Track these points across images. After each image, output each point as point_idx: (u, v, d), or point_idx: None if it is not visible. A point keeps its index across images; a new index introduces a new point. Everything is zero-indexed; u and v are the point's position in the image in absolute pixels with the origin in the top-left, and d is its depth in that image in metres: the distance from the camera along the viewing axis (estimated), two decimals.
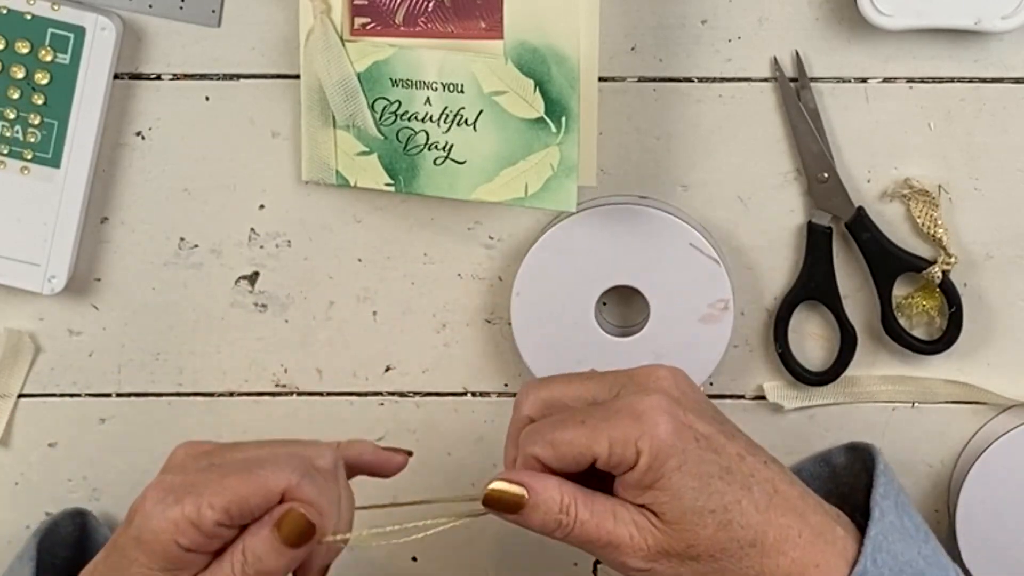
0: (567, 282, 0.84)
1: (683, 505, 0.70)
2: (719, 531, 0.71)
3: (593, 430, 0.71)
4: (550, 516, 0.71)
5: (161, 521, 0.68)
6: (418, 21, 0.81)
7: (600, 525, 0.71)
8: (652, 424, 0.70)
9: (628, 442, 0.70)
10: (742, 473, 0.72)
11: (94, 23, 0.81)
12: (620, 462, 0.71)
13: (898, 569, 0.72)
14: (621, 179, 0.85)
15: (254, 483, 0.69)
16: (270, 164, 0.85)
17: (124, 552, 0.69)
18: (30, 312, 0.88)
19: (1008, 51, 0.82)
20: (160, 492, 0.69)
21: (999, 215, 0.85)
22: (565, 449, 0.71)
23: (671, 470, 0.70)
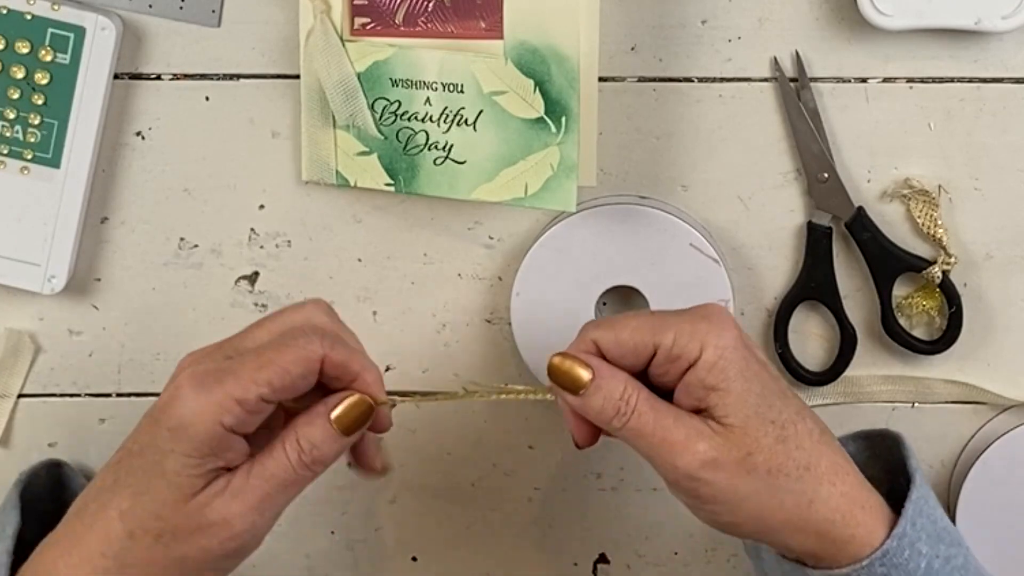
0: (567, 282, 0.84)
1: (747, 409, 0.70)
2: (777, 444, 0.70)
3: (660, 321, 0.71)
4: (610, 402, 0.71)
5: (205, 404, 0.68)
6: (418, 21, 0.81)
7: (658, 421, 0.70)
8: (720, 325, 0.71)
9: (694, 335, 0.70)
10: (796, 403, 0.72)
11: (94, 23, 0.81)
12: (682, 354, 0.70)
13: (936, 535, 0.72)
14: (621, 179, 0.85)
15: (292, 353, 0.69)
16: (270, 164, 0.85)
17: (152, 447, 0.69)
18: (30, 312, 0.88)
19: (1008, 51, 0.82)
20: (196, 379, 0.69)
21: (999, 215, 0.85)
22: (628, 335, 0.71)
23: (736, 372, 0.70)
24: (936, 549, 0.72)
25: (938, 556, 0.72)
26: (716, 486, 0.70)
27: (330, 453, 0.70)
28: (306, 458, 0.70)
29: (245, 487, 0.69)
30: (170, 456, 0.69)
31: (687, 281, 0.84)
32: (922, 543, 0.71)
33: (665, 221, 0.83)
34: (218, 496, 0.69)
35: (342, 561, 0.92)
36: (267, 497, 0.70)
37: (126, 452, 0.71)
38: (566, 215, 0.83)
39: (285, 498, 0.71)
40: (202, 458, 0.69)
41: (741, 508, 0.71)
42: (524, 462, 0.89)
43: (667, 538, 0.90)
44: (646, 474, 0.89)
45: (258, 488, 0.69)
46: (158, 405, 0.70)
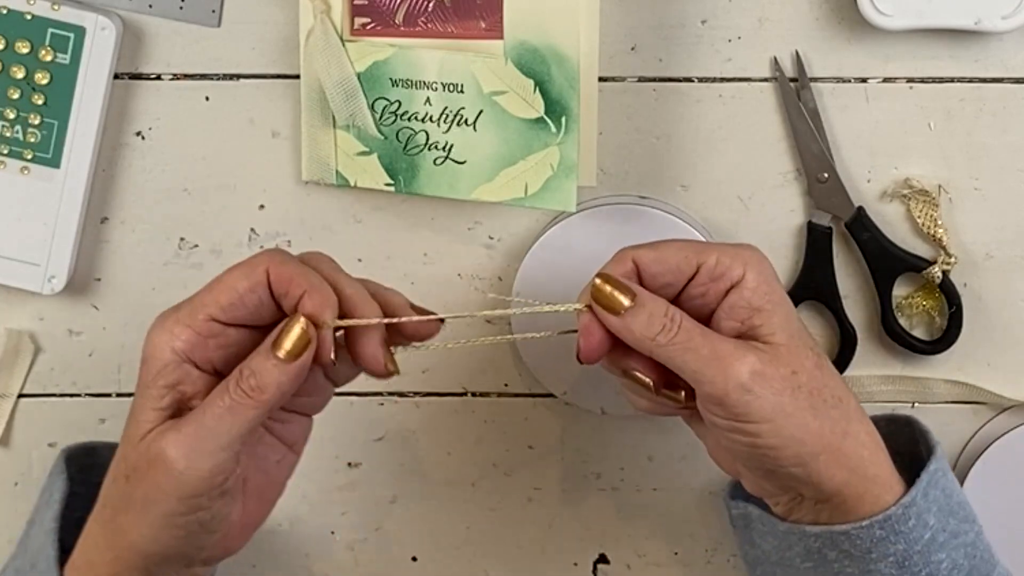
0: (567, 282, 0.84)
1: (791, 331, 0.71)
2: (816, 369, 0.71)
3: (701, 244, 0.72)
4: (655, 318, 0.71)
5: (159, 332, 0.69)
6: (418, 21, 0.81)
7: (705, 335, 0.71)
8: (759, 257, 0.72)
9: (737, 257, 0.71)
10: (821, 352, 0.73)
11: (94, 23, 0.81)
12: (726, 273, 0.71)
13: (948, 509, 0.72)
14: (621, 179, 0.85)
15: (237, 270, 0.70)
16: (270, 164, 0.85)
17: (137, 391, 0.70)
18: (30, 312, 0.88)
19: (1008, 51, 0.82)
20: (158, 320, 0.70)
21: (999, 215, 0.85)
22: (671, 253, 0.71)
23: (779, 298, 0.71)
24: (944, 523, 0.72)
25: (945, 530, 0.72)
26: (765, 399, 0.70)
27: (268, 379, 0.68)
28: (243, 384, 0.68)
29: (186, 419, 0.69)
30: (138, 393, 0.70)
31: None
32: (931, 515, 0.71)
33: (665, 221, 0.83)
34: (164, 431, 0.69)
35: (342, 561, 0.92)
36: (202, 426, 0.68)
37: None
38: (566, 215, 0.83)
39: (224, 429, 0.68)
40: (160, 390, 0.69)
41: (785, 427, 0.70)
42: (524, 462, 0.89)
43: (667, 538, 0.90)
44: (646, 474, 0.89)
45: (195, 418, 0.68)
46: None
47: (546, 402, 0.88)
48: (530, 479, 0.90)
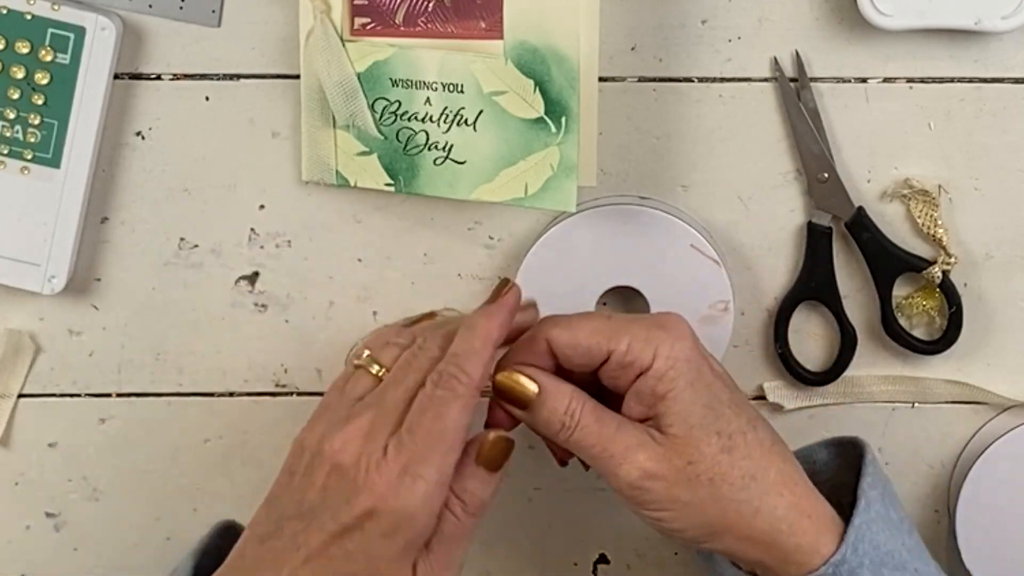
0: (567, 282, 0.84)
1: (691, 419, 0.71)
2: (722, 454, 0.71)
3: (617, 326, 0.72)
4: (555, 415, 0.72)
5: (414, 502, 0.69)
6: (418, 21, 0.81)
7: (600, 433, 0.72)
8: (675, 335, 0.72)
9: (648, 343, 0.71)
10: (750, 413, 0.73)
11: (94, 23, 0.81)
12: (635, 360, 0.71)
13: (879, 560, 0.72)
14: (621, 179, 0.85)
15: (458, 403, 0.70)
16: (270, 164, 0.85)
17: (366, 554, 0.69)
18: (30, 312, 0.88)
19: (1008, 51, 0.82)
20: (388, 485, 0.69)
21: (999, 215, 0.85)
22: (584, 336, 0.72)
23: (685, 383, 0.71)
24: (878, 574, 0.72)
25: None
26: (656, 494, 0.72)
27: (487, 494, 0.73)
28: (469, 508, 0.72)
29: (431, 559, 0.71)
30: (383, 559, 0.69)
31: (687, 281, 0.84)
32: (864, 569, 0.72)
33: (665, 221, 0.83)
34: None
35: None
36: (449, 556, 0.71)
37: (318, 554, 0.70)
38: (566, 215, 0.83)
39: (462, 550, 0.73)
40: (414, 552, 0.70)
41: (683, 515, 0.72)
42: (524, 462, 0.89)
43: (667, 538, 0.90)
44: None
45: (442, 553, 0.71)
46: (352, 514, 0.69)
47: None
48: (530, 479, 0.90)
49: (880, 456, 0.88)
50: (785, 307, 0.85)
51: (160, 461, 0.90)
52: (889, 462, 0.88)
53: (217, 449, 0.89)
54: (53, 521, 0.91)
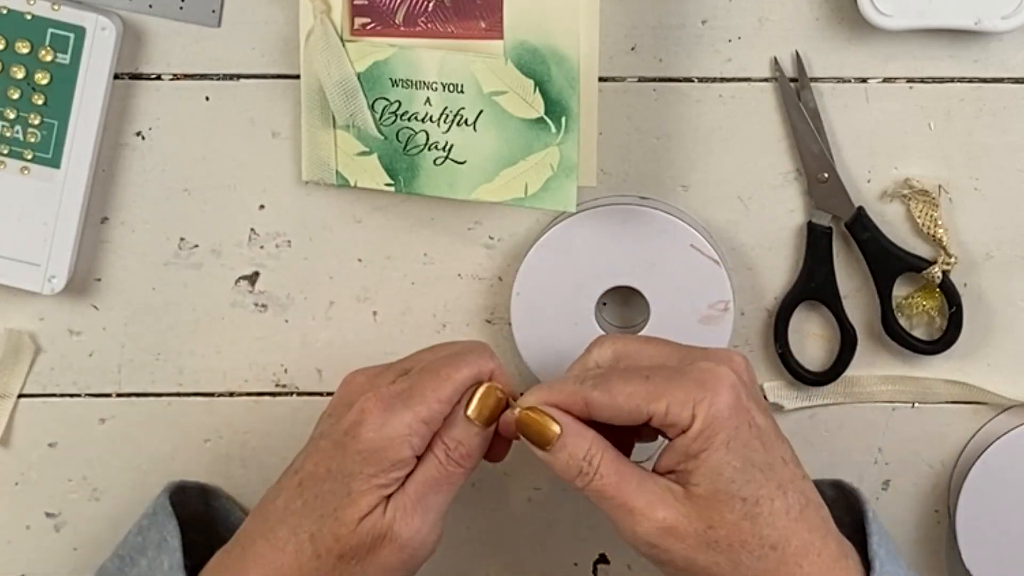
0: (567, 282, 0.84)
1: (718, 484, 0.70)
2: (744, 520, 0.71)
3: (655, 387, 0.72)
4: (574, 461, 0.72)
5: (396, 427, 0.72)
6: (418, 21, 0.81)
7: (619, 485, 0.72)
8: (714, 393, 0.71)
9: (686, 404, 0.71)
10: (782, 476, 0.72)
11: (94, 23, 0.81)
12: (674, 424, 0.71)
13: None
14: (621, 179, 0.85)
15: (468, 368, 0.74)
16: (270, 164, 0.85)
17: (343, 471, 0.72)
18: (30, 312, 0.88)
19: (1008, 51, 0.82)
20: (383, 403, 0.73)
21: (999, 215, 0.85)
22: (623, 400, 0.72)
23: (719, 444, 0.70)
24: None
25: None
26: (673, 554, 0.71)
27: (473, 445, 0.74)
28: (453, 454, 0.74)
29: (404, 498, 0.73)
30: (358, 479, 0.73)
31: (687, 281, 0.84)
32: None
33: (665, 221, 0.83)
34: (389, 512, 0.73)
35: None
36: (423, 499, 0.73)
37: (308, 475, 0.74)
38: (566, 215, 0.83)
39: (441, 498, 0.74)
40: (387, 479, 0.73)
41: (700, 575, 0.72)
42: (524, 462, 0.89)
43: None
44: None
45: (415, 493, 0.73)
46: (341, 428, 0.74)
47: None
48: (530, 479, 0.90)
49: (880, 456, 0.88)
50: (785, 307, 0.85)
51: (160, 461, 0.90)
52: (889, 462, 0.88)
53: (217, 449, 0.89)
54: (53, 521, 0.91)
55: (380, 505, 0.73)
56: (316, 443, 0.75)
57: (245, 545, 0.75)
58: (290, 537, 0.73)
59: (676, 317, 0.84)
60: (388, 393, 0.74)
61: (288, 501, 0.74)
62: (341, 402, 0.76)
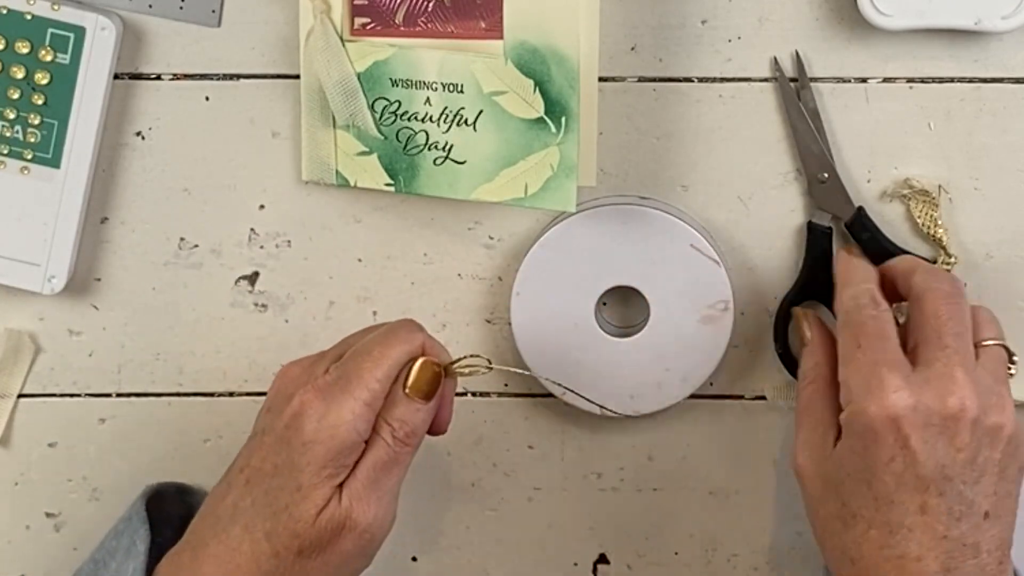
0: (567, 282, 0.84)
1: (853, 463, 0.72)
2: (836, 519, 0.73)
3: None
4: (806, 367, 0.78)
5: (339, 415, 0.72)
6: (418, 21, 0.81)
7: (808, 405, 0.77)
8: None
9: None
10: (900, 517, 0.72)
11: (94, 23, 0.81)
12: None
13: None
14: (621, 179, 0.85)
15: (400, 345, 0.74)
16: (270, 164, 0.85)
17: (289, 465, 0.72)
18: (30, 312, 0.88)
19: (1008, 51, 0.82)
20: (322, 393, 0.73)
21: (999, 215, 0.85)
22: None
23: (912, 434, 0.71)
24: None
25: None
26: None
27: (417, 422, 0.75)
28: (398, 434, 0.74)
29: (356, 484, 0.73)
30: (306, 471, 0.72)
31: (687, 281, 0.84)
32: None
33: (665, 221, 0.83)
34: (343, 502, 0.73)
35: None
36: (376, 483, 0.74)
37: (255, 471, 0.74)
38: (566, 215, 0.83)
39: (393, 479, 0.75)
40: (336, 468, 0.73)
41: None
42: (524, 462, 0.89)
43: (667, 538, 0.90)
44: (646, 474, 0.89)
45: (367, 478, 0.73)
46: (283, 422, 0.74)
47: (546, 402, 0.88)
48: (530, 479, 0.90)
49: None
50: (785, 307, 0.85)
51: (160, 461, 0.90)
52: None
53: (217, 449, 0.89)
54: (53, 521, 0.91)
55: (334, 495, 0.73)
56: (259, 439, 0.75)
57: (196, 547, 0.75)
58: (244, 536, 0.73)
59: (676, 317, 0.84)
60: (325, 382, 0.74)
61: (237, 499, 0.74)
62: (278, 395, 0.76)
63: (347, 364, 0.74)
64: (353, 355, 0.75)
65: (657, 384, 0.85)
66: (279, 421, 0.74)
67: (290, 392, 0.74)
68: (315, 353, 0.78)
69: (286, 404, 0.74)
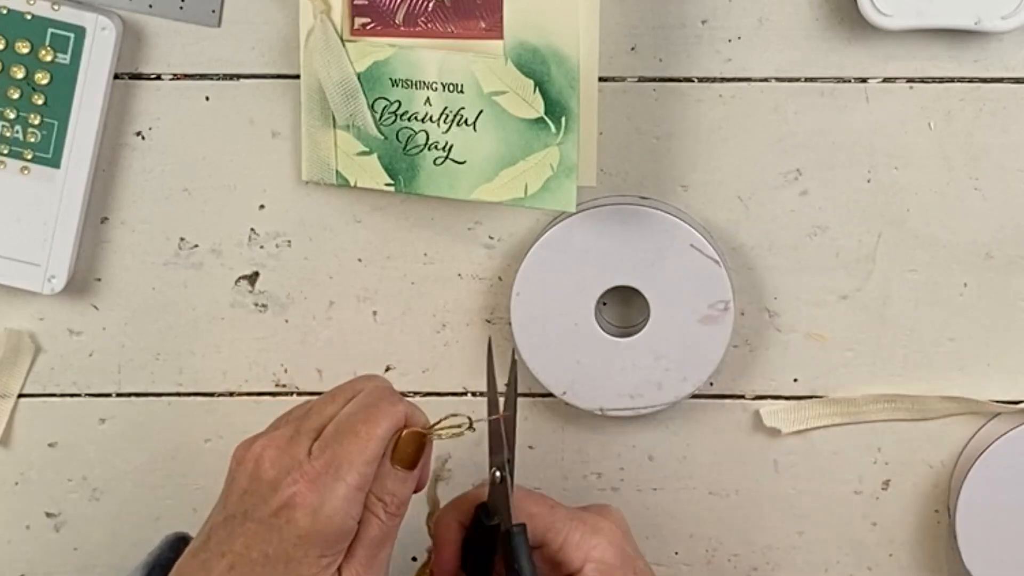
0: (567, 282, 0.84)
1: None
2: None
3: (556, 519, 0.75)
4: None
5: (333, 503, 0.70)
6: (418, 21, 0.81)
7: None
8: (608, 539, 0.76)
9: (581, 548, 0.75)
10: None
11: (94, 23, 0.81)
12: (565, 561, 0.75)
13: None
14: (621, 179, 0.85)
15: (385, 421, 0.72)
16: (270, 164, 0.85)
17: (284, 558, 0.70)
18: (30, 312, 0.88)
19: (1008, 51, 0.82)
20: (312, 482, 0.70)
21: (999, 215, 0.85)
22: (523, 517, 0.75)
23: None
24: None
25: None
26: None
27: (407, 493, 0.74)
28: (391, 508, 0.73)
29: (356, 564, 0.72)
30: (304, 563, 0.70)
31: (687, 281, 0.84)
32: None
33: (665, 221, 0.83)
34: None
35: None
36: (373, 560, 0.72)
37: (239, 557, 0.70)
38: (566, 215, 0.83)
39: (387, 551, 0.74)
40: (334, 554, 0.71)
41: None
42: (524, 462, 0.89)
43: (667, 538, 0.90)
44: (646, 474, 0.89)
45: (365, 557, 0.72)
46: (269, 510, 0.70)
47: (546, 402, 0.88)
48: (530, 479, 0.90)
49: (880, 456, 0.88)
50: None
51: (160, 461, 0.90)
52: (889, 462, 0.88)
53: (217, 449, 0.89)
54: (53, 521, 0.91)
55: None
56: (240, 523, 0.71)
57: None
58: None
59: (676, 317, 0.84)
60: (314, 469, 0.70)
61: None
62: (257, 480, 0.72)
63: (334, 447, 0.71)
64: (338, 436, 0.71)
65: (657, 384, 0.85)
66: (264, 508, 0.70)
67: (273, 477, 0.71)
68: (280, 428, 0.74)
69: (271, 492, 0.70)
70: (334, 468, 0.70)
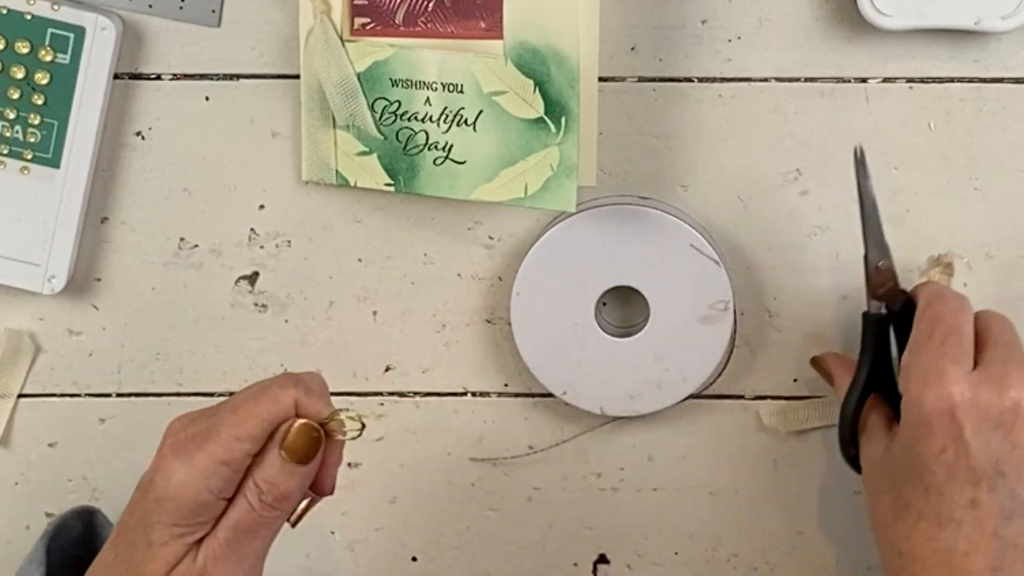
0: (567, 282, 0.84)
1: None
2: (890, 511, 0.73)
3: None
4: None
5: (189, 471, 0.69)
6: (418, 21, 0.81)
7: None
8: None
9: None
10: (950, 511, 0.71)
11: (94, 23, 0.81)
12: None
13: None
14: (621, 179, 0.85)
15: (267, 402, 0.70)
16: (270, 164, 0.85)
17: (143, 522, 0.69)
18: (30, 312, 0.88)
19: (1008, 51, 0.82)
20: (177, 447, 0.69)
21: (999, 215, 0.85)
22: None
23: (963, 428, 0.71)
24: None
25: None
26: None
27: (291, 486, 0.70)
28: (266, 497, 0.70)
29: (215, 543, 0.70)
30: (156, 528, 0.69)
31: (687, 281, 0.84)
32: None
33: (665, 221, 0.83)
34: (196, 559, 0.70)
35: (342, 561, 0.92)
36: (238, 545, 0.70)
37: (123, 527, 0.71)
38: (566, 215, 0.83)
39: (257, 544, 0.71)
40: (188, 526, 0.69)
41: None
42: (524, 462, 0.90)
43: (667, 538, 0.90)
44: (646, 474, 0.89)
45: (226, 539, 0.70)
46: (146, 476, 0.71)
47: (546, 402, 0.88)
48: (530, 479, 0.90)
49: None
50: (854, 405, 0.80)
51: None
52: None
53: None
54: None
55: (189, 553, 0.70)
56: (134, 492, 0.72)
57: None
58: None
59: (676, 317, 0.84)
60: (184, 437, 0.70)
61: (106, 554, 0.72)
62: (157, 450, 0.72)
63: (211, 419, 0.70)
64: (218, 409, 0.71)
65: (657, 384, 0.85)
66: (146, 475, 0.71)
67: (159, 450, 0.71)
68: (209, 407, 0.73)
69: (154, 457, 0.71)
70: (200, 439, 0.69)
